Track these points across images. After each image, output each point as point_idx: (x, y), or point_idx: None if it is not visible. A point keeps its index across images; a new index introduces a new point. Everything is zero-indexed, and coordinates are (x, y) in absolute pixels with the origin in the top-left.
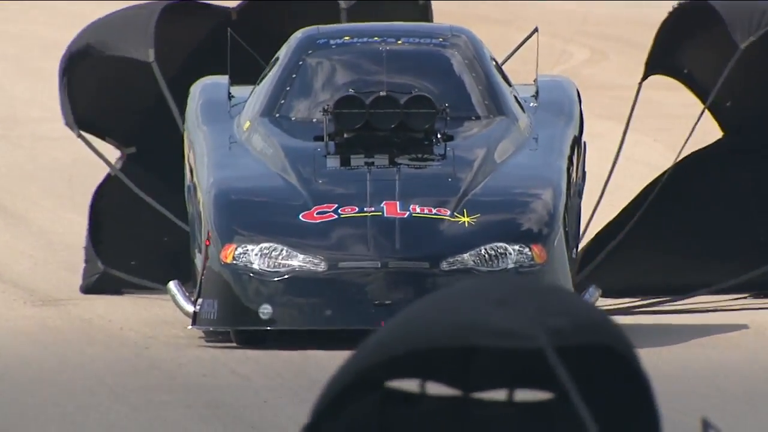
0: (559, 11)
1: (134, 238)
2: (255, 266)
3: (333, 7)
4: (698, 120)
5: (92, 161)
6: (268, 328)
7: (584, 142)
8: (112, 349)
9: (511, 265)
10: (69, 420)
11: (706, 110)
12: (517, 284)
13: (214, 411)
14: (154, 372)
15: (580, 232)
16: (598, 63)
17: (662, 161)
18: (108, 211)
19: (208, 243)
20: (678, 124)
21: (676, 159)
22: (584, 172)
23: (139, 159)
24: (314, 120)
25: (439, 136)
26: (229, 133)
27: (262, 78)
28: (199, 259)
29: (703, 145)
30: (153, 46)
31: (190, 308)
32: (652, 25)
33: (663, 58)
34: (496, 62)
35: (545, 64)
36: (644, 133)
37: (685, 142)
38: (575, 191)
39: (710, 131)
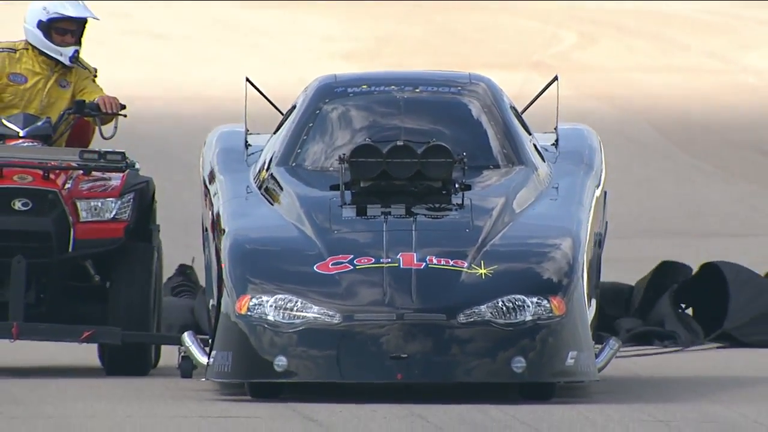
0: None
1: None
2: (270, 318)
3: None
4: None
5: None
6: (283, 380)
7: (605, 191)
8: None
9: (529, 318)
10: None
11: None
12: None
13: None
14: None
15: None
16: (587, 47)
17: (649, 139)
18: None
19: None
20: (661, 102)
21: None
22: (605, 221)
23: None
24: (330, 169)
25: (456, 185)
26: (246, 183)
27: (279, 126)
28: (213, 309)
29: None
30: None
31: (204, 360)
32: (640, 11)
33: None
34: (516, 110)
35: (536, 47)
36: (633, 113)
37: None
38: (596, 241)
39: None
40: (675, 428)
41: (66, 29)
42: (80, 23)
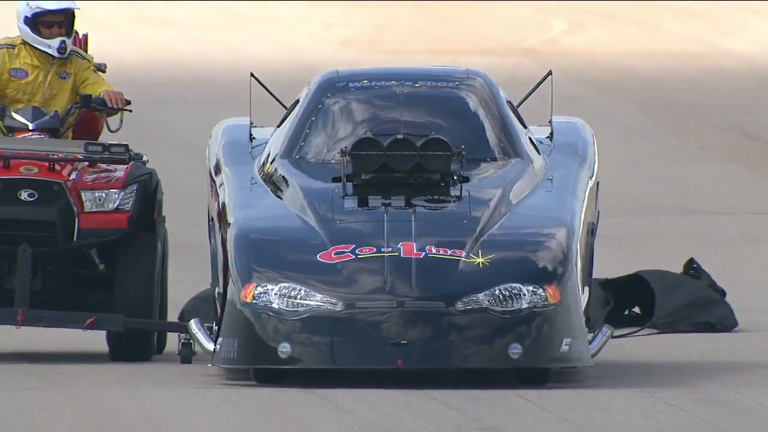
0: None
1: None
2: (274, 305)
3: None
4: None
5: None
6: (287, 366)
7: (597, 182)
8: None
9: (525, 306)
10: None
11: None
12: None
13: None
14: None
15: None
16: (576, 33)
17: (635, 121)
18: None
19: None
20: (647, 86)
21: None
22: (598, 212)
23: None
24: (333, 162)
25: (455, 177)
26: (250, 174)
27: (283, 120)
28: (219, 297)
29: None
30: None
31: (210, 347)
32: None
33: None
34: (512, 104)
35: (527, 33)
36: (619, 96)
37: None
38: (589, 230)
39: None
40: (659, 399)
41: (52, 22)
42: (66, 15)
